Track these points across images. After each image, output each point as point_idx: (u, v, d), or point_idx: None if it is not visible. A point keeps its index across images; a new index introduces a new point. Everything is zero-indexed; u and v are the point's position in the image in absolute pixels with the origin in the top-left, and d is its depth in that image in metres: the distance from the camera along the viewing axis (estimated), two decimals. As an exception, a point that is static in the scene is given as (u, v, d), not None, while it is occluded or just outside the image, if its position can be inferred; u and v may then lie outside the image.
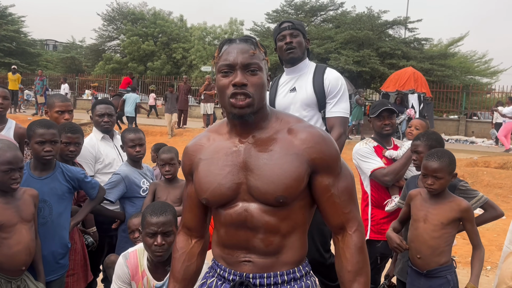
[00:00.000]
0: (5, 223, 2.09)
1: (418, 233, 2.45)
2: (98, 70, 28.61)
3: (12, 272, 2.12)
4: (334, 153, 1.44)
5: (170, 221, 2.20)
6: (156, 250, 2.16)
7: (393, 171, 3.04)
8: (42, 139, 2.32)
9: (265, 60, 1.44)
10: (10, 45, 28.90)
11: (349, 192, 1.45)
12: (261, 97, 1.41)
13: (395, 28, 21.35)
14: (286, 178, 1.37)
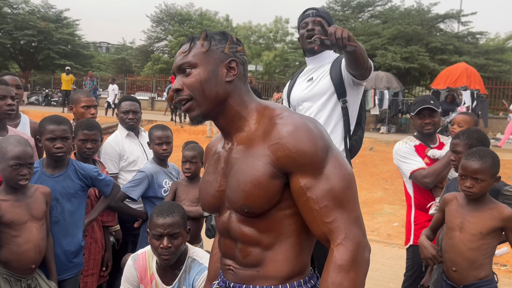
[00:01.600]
0: (15, 220, 2.07)
1: (454, 243, 2.21)
2: (146, 71, 29.42)
3: (21, 271, 2.10)
4: (307, 148, 1.17)
5: (177, 223, 2.09)
6: (163, 253, 2.06)
7: (433, 172, 2.81)
8: (52, 135, 2.28)
9: (216, 50, 1.28)
10: (65, 47, 30.29)
11: (333, 196, 1.16)
12: (206, 94, 1.26)
13: (446, 22, 20.36)
14: (245, 185, 1.21)
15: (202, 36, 1.29)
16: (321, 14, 2.58)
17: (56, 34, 29.62)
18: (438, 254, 2.30)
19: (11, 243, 2.06)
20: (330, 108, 2.55)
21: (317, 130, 1.20)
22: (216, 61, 1.28)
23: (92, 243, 2.63)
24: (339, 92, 2.51)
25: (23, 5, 30.99)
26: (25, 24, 28.44)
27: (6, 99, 2.42)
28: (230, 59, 1.28)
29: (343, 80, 2.49)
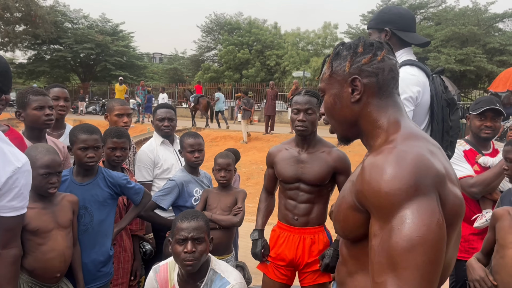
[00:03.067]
0: (40, 228, 2.09)
1: (506, 263, 2.00)
2: (197, 79, 30.08)
3: (46, 279, 2.12)
4: (379, 187, 1.02)
5: (201, 227, 2.04)
6: (186, 258, 1.99)
7: (482, 182, 2.59)
8: (84, 145, 2.31)
9: (339, 71, 1.22)
10: (120, 59, 31.70)
11: (391, 255, 0.96)
12: (336, 120, 1.28)
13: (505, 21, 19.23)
14: (338, 210, 1.25)
15: (329, 59, 1.25)
16: (369, 27, 2.42)
17: (112, 47, 31.07)
18: (488, 277, 2.08)
19: (36, 251, 2.08)
20: None
21: (409, 167, 0.99)
22: (339, 83, 1.22)
23: (121, 251, 2.64)
24: None
25: (83, 20, 32.80)
26: (84, 38, 30.08)
27: (44, 109, 2.48)
28: (352, 77, 1.19)
29: None
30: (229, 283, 2.05)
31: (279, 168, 2.63)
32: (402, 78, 2.27)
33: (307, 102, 2.50)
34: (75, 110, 24.33)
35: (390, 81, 1.19)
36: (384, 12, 2.39)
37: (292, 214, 2.61)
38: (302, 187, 2.57)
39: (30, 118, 2.48)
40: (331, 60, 1.24)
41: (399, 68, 2.14)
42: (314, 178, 2.52)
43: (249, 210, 8.13)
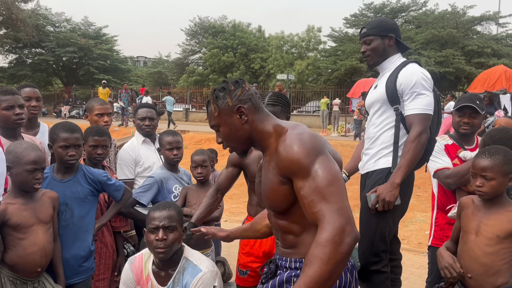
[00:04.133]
0: (21, 223, 2.13)
1: (469, 248, 2.09)
2: (182, 83, 30.02)
3: (27, 274, 2.15)
4: (295, 157, 1.48)
5: (173, 216, 2.11)
6: (158, 245, 2.05)
7: (456, 173, 2.72)
8: (66, 143, 2.35)
9: (223, 107, 1.61)
10: (104, 62, 31.45)
11: (319, 192, 1.44)
12: (236, 141, 1.65)
13: (483, 24, 19.71)
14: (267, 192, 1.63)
15: (211, 101, 1.63)
16: (369, 32, 2.65)
17: (95, 50, 30.82)
18: (456, 264, 2.13)
19: (17, 246, 2.12)
20: (382, 115, 2.60)
21: (306, 141, 1.51)
22: (228, 115, 1.61)
23: (102, 247, 2.68)
24: (391, 100, 2.54)
25: (65, 23, 32.49)
26: (66, 41, 29.78)
27: (13, 109, 2.49)
28: (237, 106, 1.59)
29: (396, 90, 2.52)
30: (200, 271, 2.10)
31: (251, 169, 2.54)
32: (422, 73, 2.52)
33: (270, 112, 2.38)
34: (58, 114, 24.11)
35: (258, 100, 1.64)
36: (385, 22, 2.74)
37: (261, 207, 2.47)
38: None
39: (1, 118, 2.49)
40: (213, 103, 1.62)
41: (407, 65, 2.57)
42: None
43: (232, 210, 8.18)
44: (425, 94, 2.48)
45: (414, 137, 2.42)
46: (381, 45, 2.64)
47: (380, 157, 2.56)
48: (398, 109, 2.52)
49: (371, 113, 2.69)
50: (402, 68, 2.56)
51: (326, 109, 16.48)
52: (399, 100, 2.52)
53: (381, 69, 2.73)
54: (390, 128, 2.55)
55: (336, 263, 1.35)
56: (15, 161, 2.13)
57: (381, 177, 2.50)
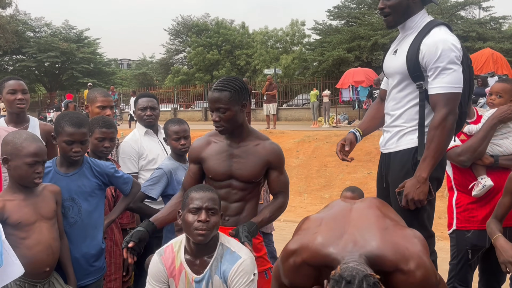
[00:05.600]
0: (22, 221, 1.97)
1: None
2: (167, 83, 29.73)
3: (35, 275, 1.99)
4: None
5: (215, 199, 1.98)
6: (199, 227, 1.89)
7: (468, 149, 2.59)
8: (71, 138, 2.18)
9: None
10: (87, 66, 31.02)
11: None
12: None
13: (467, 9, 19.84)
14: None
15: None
16: None
17: (78, 54, 30.37)
18: None
19: (21, 246, 1.95)
20: (404, 90, 2.29)
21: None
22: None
23: (112, 246, 2.53)
24: (413, 76, 2.21)
25: (45, 28, 31.95)
26: (48, 46, 29.28)
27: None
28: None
29: (419, 64, 2.17)
30: (240, 257, 1.97)
31: (209, 164, 2.30)
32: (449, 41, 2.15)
33: (216, 100, 2.16)
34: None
35: None
36: None
37: (223, 215, 2.25)
38: (234, 184, 2.27)
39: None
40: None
41: (433, 28, 2.19)
42: (248, 174, 2.25)
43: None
44: (452, 68, 2.11)
45: (439, 122, 2.11)
46: (403, 2, 2.23)
47: (403, 134, 2.29)
48: (422, 86, 2.20)
49: (391, 84, 2.39)
50: (427, 33, 2.19)
51: (316, 100, 16.40)
52: (423, 75, 2.20)
53: (402, 29, 2.32)
54: (413, 106, 2.26)
55: None
56: (13, 153, 1.96)
57: (408, 158, 2.25)
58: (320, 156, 10.97)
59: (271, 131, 13.51)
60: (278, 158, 2.31)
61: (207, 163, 2.30)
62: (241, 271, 1.94)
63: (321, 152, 11.16)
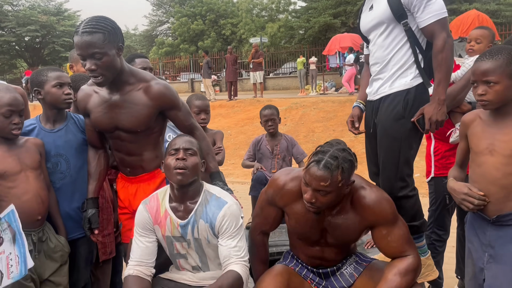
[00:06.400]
0: (7, 170, 1.99)
1: (484, 171, 1.79)
2: (152, 55, 29.23)
3: (28, 224, 2.01)
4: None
5: (194, 143, 2.04)
6: (177, 165, 1.93)
7: (447, 96, 2.60)
8: (60, 81, 2.19)
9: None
10: (69, 39, 30.23)
11: None
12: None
13: (453, -29, 19.63)
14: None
15: (338, 172, 1.79)
16: None
17: (58, 27, 29.60)
18: (472, 190, 1.81)
19: (9, 195, 1.98)
20: (390, 35, 2.36)
21: None
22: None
23: (104, 202, 2.53)
24: (398, 15, 2.29)
25: (23, 1, 30.94)
26: (26, 19, 28.45)
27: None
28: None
29: (401, 4, 2.27)
30: (226, 202, 2.01)
31: (93, 117, 2.16)
32: None
33: (88, 45, 1.90)
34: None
35: None
36: None
37: (123, 166, 2.25)
38: (123, 136, 2.16)
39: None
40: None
41: None
42: (133, 124, 2.10)
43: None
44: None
45: (442, 45, 2.19)
46: None
47: (395, 78, 2.36)
48: (407, 24, 2.30)
49: (375, 36, 2.45)
50: None
51: (303, 68, 16.33)
52: (407, 14, 2.29)
53: None
54: (402, 46, 2.34)
55: None
56: None
57: (400, 100, 2.31)
58: (307, 122, 11.03)
59: (259, 100, 13.50)
60: (169, 99, 2.13)
61: (91, 117, 2.16)
62: (230, 215, 1.98)
63: (309, 119, 11.22)
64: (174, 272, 2.17)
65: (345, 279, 2.08)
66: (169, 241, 2.08)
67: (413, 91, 2.30)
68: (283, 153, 3.82)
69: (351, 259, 2.14)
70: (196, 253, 2.07)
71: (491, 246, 1.74)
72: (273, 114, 3.71)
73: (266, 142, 3.85)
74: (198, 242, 2.04)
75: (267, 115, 3.71)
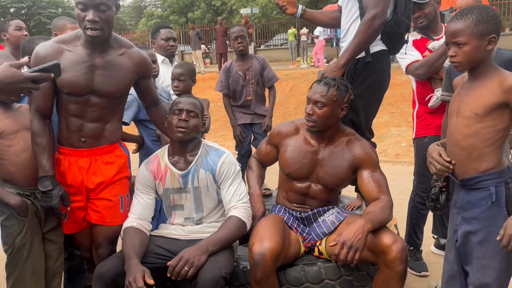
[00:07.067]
0: (6, 130, 2.08)
1: (450, 132, 1.82)
2: (141, 27, 28.76)
3: (30, 182, 2.11)
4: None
5: (197, 105, 2.19)
6: (179, 124, 2.11)
7: (426, 63, 2.77)
8: None
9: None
10: (55, 11, 29.57)
11: None
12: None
13: None
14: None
15: (335, 88, 2.15)
16: None
17: (44, -2, 28.88)
18: (442, 155, 1.80)
19: (8, 154, 2.08)
20: (348, 4, 2.48)
21: None
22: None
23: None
24: None
25: (7, -29, 30.01)
26: (11, -10, 27.70)
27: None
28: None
29: None
30: (224, 152, 2.23)
31: (67, 77, 1.98)
32: None
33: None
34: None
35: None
36: None
37: (78, 136, 2.10)
38: (93, 101, 2.07)
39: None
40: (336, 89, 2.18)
41: None
42: (115, 88, 2.07)
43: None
44: None
45: (367, 20, 2.27)
46: None
47: None
48: None
49: (342, 4, 2.58)
50: None
51: (294, 39, 16.19)
52: None
53: None
54: (357, 18, 2.42)
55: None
56: None
57: (350, 68, 2.44)
58: (297, 94, 11.05)
59: (249, 71, 13.41)
60: (148, 67, 2.23)
61: (66, 75, 1.96)
62: (228, 162, 2.19)
63: (299, 90, 11.23)
64: (163, 228, 2.29)
65: (326, 226, 2.25)
66: (167, 194, 2.23)
67: (362, 61, 2.41)
68: (256, 76, 3.75)
69: (333, 210, 2.32)
70: (193, 203, 2.22)
71: (463, 208, 1.80)
72: (242, 31, 3.67)
73: (237, 67, 3.75)
74: (197, 191, 2.20)
75: (235, 32, 3.66)
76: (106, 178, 2.18)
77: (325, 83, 2.18)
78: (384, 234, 1.97)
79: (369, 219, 1.95)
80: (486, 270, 1.70)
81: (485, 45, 1.67)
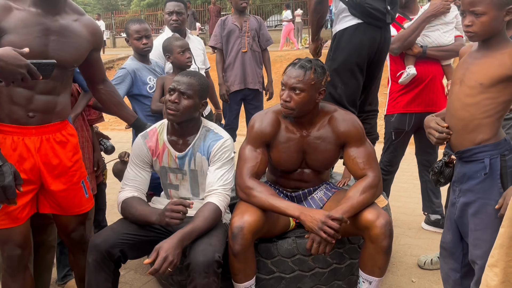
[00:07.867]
0: None
1: (450, 101, 1.75)
2: (134, 7, 28.33)
3: None
4: None
5: (192, 85, 2.09)
6: (169, 106, 2.05)
7: (399, 38, 2.85)
8: None
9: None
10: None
11: None
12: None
13: None
14: None
15: (311, 71, 2.04)
16: None
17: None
18: (439, 124, 1.76)
19: None
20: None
21: None
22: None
23: (84, 142, 2.58)
24: None
25: None
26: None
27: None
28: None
29: None
30: (222, 137, 2.16)
31: (18, 39, 1.65)
32: None
33: None
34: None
35: None
36: None
37: (26, 110, 1.75)
38: None
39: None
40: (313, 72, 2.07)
41: None
42: (72, 58, 1.82)
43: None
44: None
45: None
46: None
47: (336, 23, 2.54)
48: None
49: None
50: None
51: (289, 21, 16.03)
52: None
53: None
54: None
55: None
56: None
57: (332, 42, 2.54)
58: (292, 75, 11.00)
59: (243, 52, 13.30)
60: (101, 38, 1.99)
61: (9, 37, 1.65)
62: (224, 148, 2.13)
63: (293, 72, 11.19)
64: (158, 202, 2.29)
65: (315, 203, 2.27)
66: (164, 171, 2.22)
67: (338, 35, 2.47)
68: (253, 31, 3.72)
69: (322, 187, 2.33)
70: (190, 184, 2.20)
71: (460, 181, 1.77)
72: None
73: (233, 19, 3.72)
74: (194, 173, 2.18)
75: None
76: (62, 160, 1.87)
77: (300, 66, 2.04)
78: (368, 210, 1.96)
79: (344, 209, 1.91)
80: (478, 242, 1.68)
81: (503, 15, 1.59)
